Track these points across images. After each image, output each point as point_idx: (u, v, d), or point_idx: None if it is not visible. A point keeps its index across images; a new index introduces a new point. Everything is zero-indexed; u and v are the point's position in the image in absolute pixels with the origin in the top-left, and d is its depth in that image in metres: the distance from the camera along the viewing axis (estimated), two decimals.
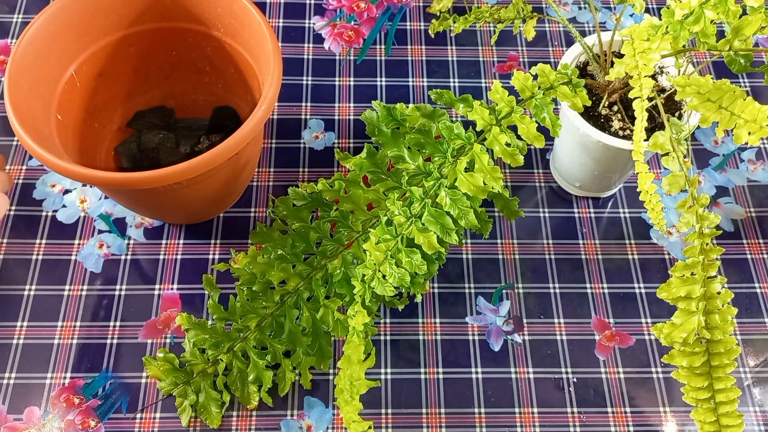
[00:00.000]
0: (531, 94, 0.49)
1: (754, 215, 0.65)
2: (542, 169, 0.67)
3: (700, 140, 0.70)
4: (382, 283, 0.47)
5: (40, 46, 0.53)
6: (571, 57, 0.58)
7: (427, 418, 0.55)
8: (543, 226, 0.64)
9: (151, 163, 0.63)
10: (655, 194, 0.41)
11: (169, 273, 0.61)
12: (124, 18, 0.58)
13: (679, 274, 0.41)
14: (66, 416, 0.54)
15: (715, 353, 0.41)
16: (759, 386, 0.57)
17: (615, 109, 0.57)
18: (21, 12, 0.75)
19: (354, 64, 0.73)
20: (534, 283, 0.61)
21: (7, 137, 0.67)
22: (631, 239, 0.64)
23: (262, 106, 0.50)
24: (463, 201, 0.47)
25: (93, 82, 0.59)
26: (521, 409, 0.56)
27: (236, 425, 0.55)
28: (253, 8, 0.55)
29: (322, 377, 0.57)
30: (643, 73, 0.42)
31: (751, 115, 0.40)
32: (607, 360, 0.58)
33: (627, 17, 0.78)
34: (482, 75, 0.73)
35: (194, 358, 0.55)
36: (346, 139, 0.68)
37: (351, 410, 0.45)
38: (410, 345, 0.58)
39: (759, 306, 0.61)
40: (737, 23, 0.44)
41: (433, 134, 0.53)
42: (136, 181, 0.47)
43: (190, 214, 0.62)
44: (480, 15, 0.62)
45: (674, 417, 0.56)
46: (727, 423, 0.41)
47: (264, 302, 0.55)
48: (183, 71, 0.64)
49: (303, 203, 0.57)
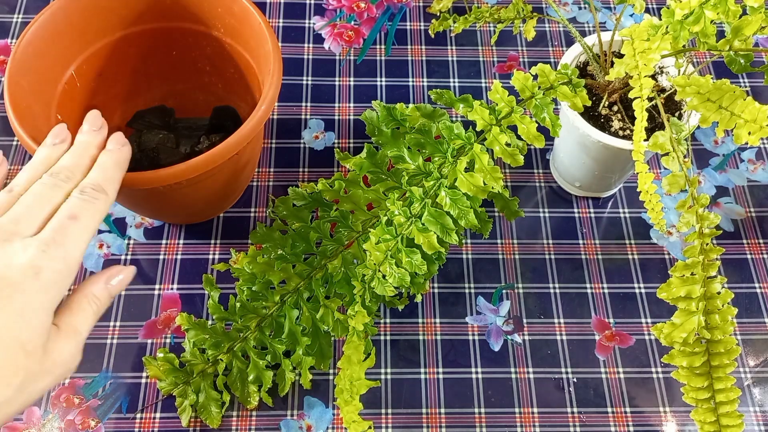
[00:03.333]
0: (531, 94, 0.49)
1: (754, 215, 0.65)
2: (542, 169, 0.67)
3: (700, 140, 0.70)
4: (382, 283, 0.47)
5: (40, 46, 0.53)
6: (571, 57, 0.58)
7: (427, 418, 0.55)
8: (543, 226, 0.64)
9: (151, 163, 0.63)
10: (655, 194, 0.41)
11: (169, 273, 0.61)
12: (124, 18, 0.58)
13: (679, 274, 0.41)
14: (66, 416, 0.54)
15: (715, 353, 0.41)
16: (759, 386, 0.57)
17: (615, 109, 0.57)
18: (21, 12, 0.75)
19: (354, 64, 0.73)
20: (534, 283, 0.61)
21: (7, 137, 0.67)
22: (631, 239, 0.64)
23: (262, 106, 0.50)
24: (463, 201, 0.47)
25: (93, 82, 0.59)
26: (521, 409, 0.56)
27: (236, 425, 0.55)
28: (253, 8, 0.55)
29: (322, 377, 0.57)
30: (643, 73, 0.42)
31: (751, 115, 0.40)
32: (607, 360, 0.58)
33: (627, 17, 0.78)
34: (482, 75, 0.73)
35: (194, 358, 0.55)
36: (346, 139, 0.68)
37: (351, 410, 0.45)
38: (410, 345, 0.58)
39: (759, 306, 0.61)
40: (737, 23, 0.44)
41: (433, 134, 0.53)
42: (136, 181, 0.47)
43: (190, 214, 0.62)
44: (480, 15, 0.62)
45: (674, 417, 0.56)
46: (727, 423, 0.41)
47: (264, 302, 0.55)
48: (183, 71, 0.64)
49: (303, 203, 0.57)
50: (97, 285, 0.41)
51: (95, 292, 0.41)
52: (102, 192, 0.40)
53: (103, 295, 0.41)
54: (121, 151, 0.44)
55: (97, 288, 0.41)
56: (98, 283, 0.41)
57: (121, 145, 0.44)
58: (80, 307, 0.40)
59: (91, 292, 0.41)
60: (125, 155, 0.44)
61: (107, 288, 0.42)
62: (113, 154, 0.43)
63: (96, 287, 0.41)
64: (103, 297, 0.41)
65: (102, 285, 0.41)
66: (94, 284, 0.41)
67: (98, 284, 0.41)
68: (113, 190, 0.42)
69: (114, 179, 0.42)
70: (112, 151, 0.43)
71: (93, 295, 0.41)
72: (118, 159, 0.43)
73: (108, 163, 0.42)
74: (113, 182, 0.42)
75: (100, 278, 0.42)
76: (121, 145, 0.44)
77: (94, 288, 0.41)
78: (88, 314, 0.40)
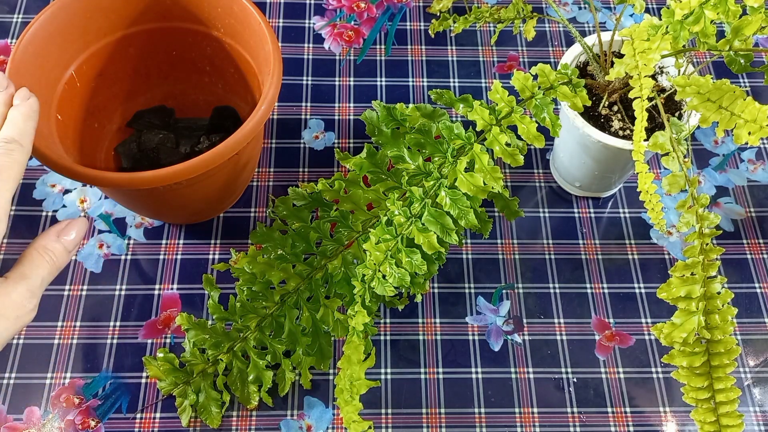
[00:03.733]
0: (531, 94, 0.49)
1: (754, 215, 0.65)
2: (542, 169, 0.67)
3: (700, 140, 0.70)
4: (382, 283, 0.47)
5: (40, 46, 0.53)
6: (571, 57, 0.58)
7: (427, 418, 0.55)
8: (543, 226, 0.64)
9: (151, 163, 0.63)
10: (655, 194, 0.41)
11: (169, 273, 0.61)
12: (124, 18, 0.58)
13: (679, 274, 0.41)
14: (66, 416, 0.54)
15: (715, 353, 0.41)
16: (759, 386, 0.57)
17: (615, 109, 0.57)
18: (21, 12, 0.75)
19: (354, 64, 0.73)
20: (534, 283, 0.61)
21: None
22: (631, 239, 0.64)
23: (262, 106, 0.50)
24: (463, 201, 0.47)
25: (93, 82, 0.59)
26: (521, 409, 0.56)
27: (236, 425, 0.55)
28: (253, 8, 0.55)
29: (322, 377, 0.57)
30: (643, 73, 0.42)
31: (751, 115, 0.40)
32: (607, 360, 0.58)
33: (627, 17, 0.78)
34: (482, 75, 0.73)
35: (194, 358, 0.55)
36: (346, 139, 0.68)
37: (351, 410, 0.45)
38: (410, 345, 0.58)
39: (759, 306, 0.61)
40: (737, 23, 0.44)
41: (433, 134, 0.53)
42: (136, 181, 0.47)
43: (190, 214, 0.62)
44: (480, 15, 0.62)
45: (674, 417, 0.56)
46: (727, 423, 0.41)
47: (264, 302, 0.55)
48: (183, 71, 0.64)
49: (303, 203, 0.57)
50: (47, 237, 0.43)
51: (45, 244, 0.43)
52: (15, 143, 0.42)
53: (56, 248, 0.43)
54: (28, 103, 0.45)
55: (47, 240, 0.43)
56: (49, 236, 0.43)
57: (26, 99, 0.45)
58: (28, 257, 0.42)
59: (41, 245, 0.43)
60: (33, 107, 0.45)
61: (61, 241, 0.43)
62: (21, 108, 0.45)
63: (45, 240, 0.43)
64: (57, 249, 0.43)
65: (53, 237, 0.43)
66: (44, 237, 0.43)
67: (49, 237, 0.43)
68: (28, 141, 0.43)
69: (27, 131, 0.44)
70: (19, 106, 0.45)
71: (43, 247, 0.43)
72: (27, 112, 0.45)
73: (18, 117, 0.44)
74: (26, 135, 0.44)
75: (51, 231, 0.44)
76: (27, 99, 0.45)
77: (44, 241, 0.43)
78: (38, 263, 0.42)
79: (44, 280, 0.42)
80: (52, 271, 0.42)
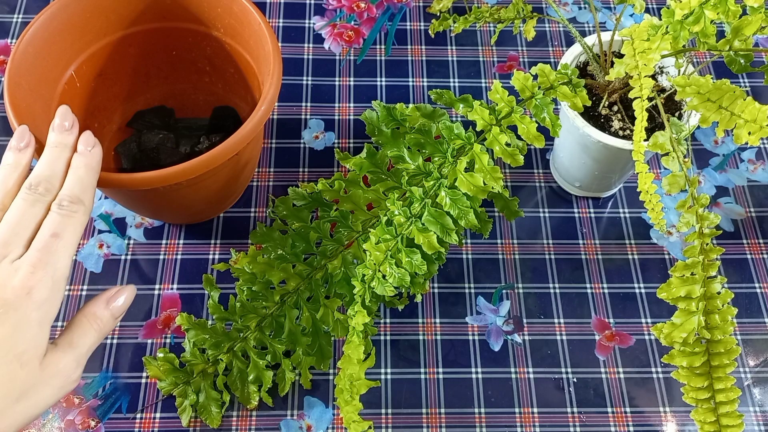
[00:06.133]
0: (531, 94, 0.49)
1: (754, 215, 0.65)
2: (542, 169, 0.67)
3: (700, 140, 0.70)
4: (382, 283, 0.47)
5: (40, 46, 0.53)
6: (571, 57, 0.58)
7: (427, 418, 0.55)
8: (543, 226, 0.64)
9: (151, 163, 0.63)
10: (655, 194, 0.41)
11: (169, 273, 0.61)
12: (124, 18, 0.58)
13: (679, 274, 0.41)
14: (66, 416, 0.54)
15: (715, 353, 0.41)
16: (759, 386, 0.57)
17: (615, 109, 0.57)
18: (21, 12, 0.75)
19: (354, 64, 0.73)
20: (534, 283, 0.61)
21: (7, 137, 0.67)
22: (631, 239, 0.64)
23: (262, 106, 0.50)
24: (463, 201, 0.47)
25: (93, 82, 0.59)
26: (521, 409, 0.56)
27: (236, 425, 0.55)
28: (253, 8, 0.55)
29: (322, 377, 0.57)
30: (643, 73, 0.42)
31: (751, 115, 0.40)
32: (607, 360, 0.58)
33: (627, 17, 0.78)
34: (482, 75, 0.73)
35: (194, 358, 0.55)
36: (346, 139, 0.68)
37: (351, 410, 0.45)
38: (410, 345, 0.58)
39: (759, 306, 0.61)
40: (737, 23, 0.44)
41: (433, 134, 0.53)
42: (136, 181, 0.47)
43: (190, 214, 0.62)
44: (480, 15, 0.62)
45: (674, 417, 0.56)
46: (727, 423, 0.41)
47: (264, 302, 0.55)
48: (183, 71, 0.64)
49: (303, 203, 0.57)
50: (97, 305, 0.43)
51: (95, 312, 0.43)
52: (80, 203, 0.42)
53: (104, 315, 0.43)
54: (92, 154, 0.45)
55: (96, 308, 0.43)
56: (98, 303, 0.43)
57: (92, 147, 0.45)
58: (78, 324, 0.42)
59: (90, 312, 0.43)
60: (97, 158, 0.45)
61: (109, 309, 0.44)
62: (86, 158, 0.45)
63: (95, 307, 0.43)
64: (104, 317, 0.43)
65: (102, 305, 0.43)
66: (94, 305, 0.43)
67: (98, 304, 0.43)
68: (90, 198, 0.43)
69: (89, 186, 0.44)
70: (84, 155, 0.45)
71: (92, 314, 0.43)
72: (91, 163, 0.45)
73: (82, 170, 0.44)
74: (89, 190, 0.44)
75: (101, 298, 0.44)
76: (92, 147, 0.45)
77: (93, 308, 0.43)
78: (86, 330, 0.42)
79: (90, 348, 0.42)
80: (99, 339, 0.43)
